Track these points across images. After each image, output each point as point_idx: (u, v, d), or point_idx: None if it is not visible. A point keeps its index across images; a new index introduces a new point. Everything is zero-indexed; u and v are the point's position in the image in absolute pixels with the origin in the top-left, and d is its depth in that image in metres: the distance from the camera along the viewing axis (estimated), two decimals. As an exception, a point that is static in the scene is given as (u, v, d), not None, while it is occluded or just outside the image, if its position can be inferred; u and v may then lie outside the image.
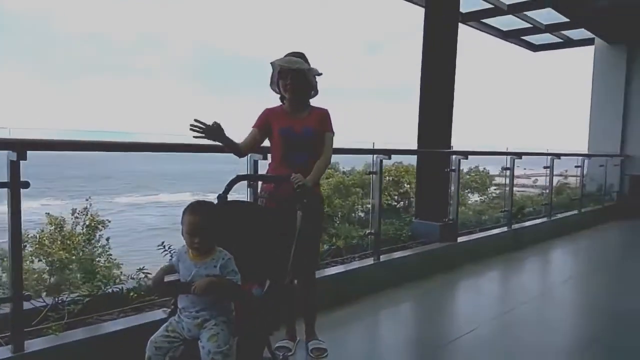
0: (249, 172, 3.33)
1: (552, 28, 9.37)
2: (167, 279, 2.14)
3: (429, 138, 5.28)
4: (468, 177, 10.55)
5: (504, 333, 3.48)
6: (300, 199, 2.48)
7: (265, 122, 2.87)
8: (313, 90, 2.87)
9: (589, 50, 10.43)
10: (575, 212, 8.14)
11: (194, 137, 2.49)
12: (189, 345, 2.03)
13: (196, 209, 2.06)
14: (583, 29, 9.40)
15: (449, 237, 5.15)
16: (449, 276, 4.80)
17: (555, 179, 10.63)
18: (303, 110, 2.86)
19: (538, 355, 3.07)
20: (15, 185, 2.25)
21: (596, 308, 4.14)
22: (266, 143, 2.95)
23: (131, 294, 2.87)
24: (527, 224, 6.84)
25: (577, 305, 4.36)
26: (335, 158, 3.03)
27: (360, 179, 8.54)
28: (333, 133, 2.85)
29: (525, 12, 8.46)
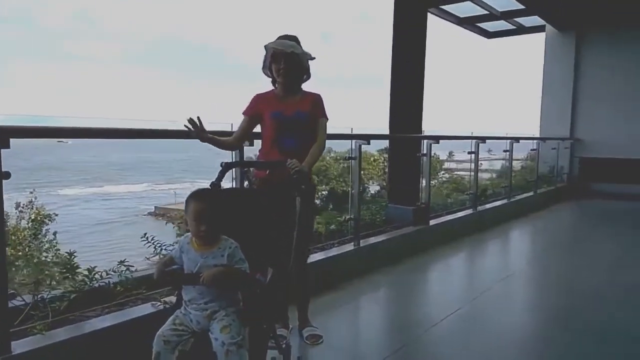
0: (233, 160, 3.24)
1: (507, 15, 9.64)
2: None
3: (400, 123, 5.34)
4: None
5: (486, 313, 3.59)
6: (298, 185, 2.44)
7: (255, 109, 2.81)
8: (305, 74, 2.82)
9: (540, 37, 10.83)
10: (531, 193, 8.49)
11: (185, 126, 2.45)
12: (199, 338, 1.96)
13: (202, 196, 1.99)
14: (536, 16, 9.73)
15: (421, 221, 5.25)
16: (425, 259, 4.90)
17: (499, 163, 11.09)
18: (295, 94, 2.81)
19: (521, 333, 3.19)
20: (-3, 176, 2.09)
21: (568, 286, 4.26)
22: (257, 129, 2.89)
23: (118, 288, 2.74)
24: (489, 206, 7.07)
25: (549, 283, 4.48)
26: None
27: (315, 166, 8.48)
28: (327, 118, 2.82)
29: (483, -1, 8.66)
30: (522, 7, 8.80)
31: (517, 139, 7.73)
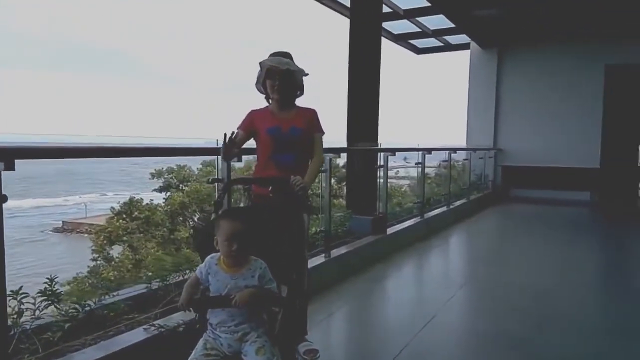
0: (218, 176, 3.20)
1: (437, 33, 10.24)
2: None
3: (358, 136, 5.48)
4: (344, 170, 11.00)
5: (461, 317, 3.82)
6: (305, 202, 2.47)
7: (250, 124, 2.80)
8: (299, 90, 2.85)
9: (465, 54, 11.58)
10: (465, 200, 9.02)
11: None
12: (231, 362, 1.93)
13: (234, 215, 1.99)
14: (462, 35, 10.41)
15: (379, 230, 5.42)
16: (388, 266, 5.07)
17: (414, 170, 11.61)
18: (289, 110, 2.83)
19: (497, 336, 3.39)
20: (-2, 200, 1.93)
21: (522, 285, 4.56)
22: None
23: (111, 313, 2.60)
24: (432, 213, 7.41)
25: (508, 283, 4.66)
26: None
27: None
28: (323, 133, 2.87)
29: (417, 18, 9.14)
30: (453, 25, 9.38)
31: (454, 150, 8.21)
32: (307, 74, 2.83)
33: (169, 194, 15.80)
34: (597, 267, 5.63)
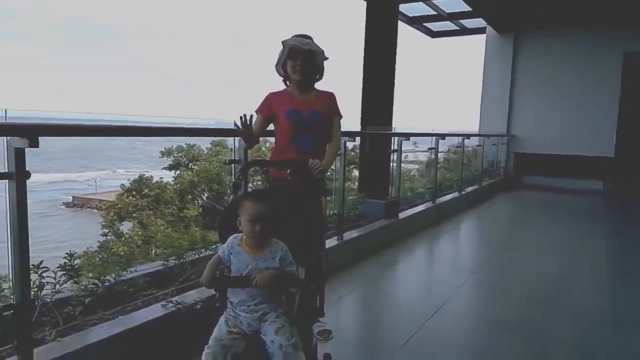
0: (234, 157, 3.20)
1: (453, 16, 10.07)
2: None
3: (372, 120, 5.45)
4: (353, 153, 10.98)
5: (471, 304, 3.83)
6: (323, 185, 2.47)
7: (269, 108, 2.78)
8: (319, 73, 2.83)
9: (480, 38, 11.41)
10: (477, 186, 8.99)
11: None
12: (251, 340, 1.95)
13: (260, 196, 1.99)
14: (478, 19, 10.24)
15: (392, 214, 5.42)
16: (400, 250, 5.11)
17: (422, 155, 11.53)
18: (309, 92, 2.81)
19: (508, 324, 3.40)
20: (21, 176, 1.95)
21: (535, 272, 4.57)
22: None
23: (130, 289, 2.64)
24: (444, 199, 7.40)
25: (520, 270, 4.64)
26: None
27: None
28: (341, 117, 2.85)
29: (433, 0, 8.99)
30: (469, 9, 9.22)
31: (467, 136, 8.16)
32: (327, 58, 2.80)
33: (178, 172, 15.88)
34: (610, 255, 5.61)
